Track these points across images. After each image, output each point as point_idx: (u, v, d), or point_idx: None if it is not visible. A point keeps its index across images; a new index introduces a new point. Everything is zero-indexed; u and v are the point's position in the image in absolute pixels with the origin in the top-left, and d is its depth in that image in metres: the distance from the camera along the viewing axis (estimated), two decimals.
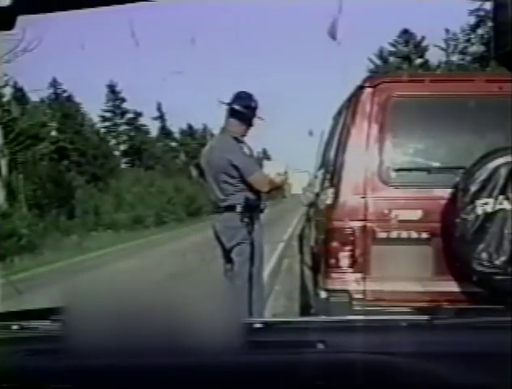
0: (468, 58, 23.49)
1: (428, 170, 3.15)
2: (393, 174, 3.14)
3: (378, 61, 29.49)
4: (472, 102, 3.19)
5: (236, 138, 4.02)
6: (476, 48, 22.69)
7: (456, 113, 3.24)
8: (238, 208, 3.98)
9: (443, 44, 24.67)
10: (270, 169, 4.32)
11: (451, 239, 2.97)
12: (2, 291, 5.66)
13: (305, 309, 4.06)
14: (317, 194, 3.90)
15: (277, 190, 4.31)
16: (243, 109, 4.10)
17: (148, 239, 17.17)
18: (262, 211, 4.14)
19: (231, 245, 4.05)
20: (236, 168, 3.96)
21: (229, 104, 4.14)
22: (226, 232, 4.06)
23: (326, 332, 1.20)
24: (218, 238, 4.14)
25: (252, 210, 4.00)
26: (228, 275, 4.12)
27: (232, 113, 4.12)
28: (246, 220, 3.96)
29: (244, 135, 4.15)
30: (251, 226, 3.98)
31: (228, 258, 4.12)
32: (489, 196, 2.91)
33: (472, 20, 22.19)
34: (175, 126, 47.14)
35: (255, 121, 4.21)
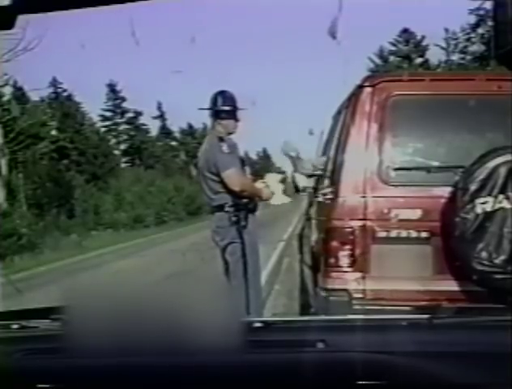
0: (468, 58, 23.45)
1: (428, 169, 3.15)
2: (392, 173, 3.14)
3: (378, 61, 29.43)
4: (472, 101, 3.19)
5: (220, 138, 4.07)
6: (477, 47, 22.64)
7: (456, 112, 3.24)
8: (226, 208, 4.00)
9: (443, 44, 24.62)
10: (272, 180, 4.38)
11: (451, 238, 2.97)
12: (2, 290, 5.65)
13: (305, 309, 4.06)
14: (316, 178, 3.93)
15: (255, 195, 4.16)
16: (221, 109, 4.17)
17: (148, 238, 17.18)
18: (253, 210, 4.13)
19: (223, 244, 4.08)
20: (215, 166, 4.01)
21: (207, 108, 4.24)
22: (218, 232, 4.11)
23: (326, 331, 1.20)
24: (213, 238, 4.18)
25: (241, 209, 4.01)
26: (227, 274, 4.14)
27: (213, 115, 4.23)
28: (235, 219, 3.97)
29: (231, 133, 4.21)
30: (242, 225, 3.98)
31: (224, 258, 4.14)
32: (489, 195, 2.91)
33: (472, 19, 22.14)
34: (175, 125, 46.98)
35: (240, 114, 4.25)
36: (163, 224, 23.25)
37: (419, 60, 29.02)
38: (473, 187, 2.92)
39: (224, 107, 4.17)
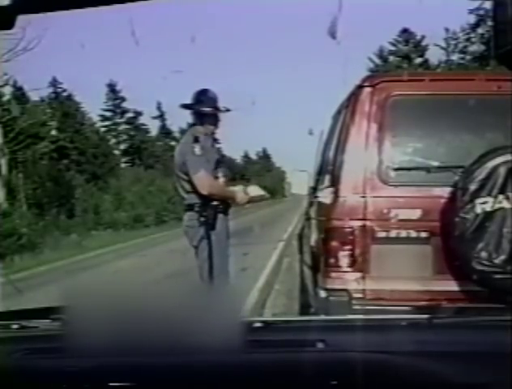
0: (468, 57, 23.44)
1: (428, 169, 3.15)
2: (392, 173, 3.14)
3: (378, 61, 29.44)
4: (472, 101, 3.19)
5: (195, 138, 3.98)
6: (476, 47, 22.64)
7: (456, 112, 3.24)
8: (196, 207, 3.97)
9: (443, 44, 24.61)
10: (254, 191, 4.43)
11: (451, 238, 2.97)
12: (2, 290, 5.65)
13: (305, 309, 4.06)
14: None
15: (226, 198, 4.11)
16: (200, 110, 4.10)
17: (148, 238, 17.17)
18: (224, 211, 4.07)
19: (192, 244, 4.06)
20: (186, 166, 3.97)
21: (188, 106, 4.16)
22: (188, 232, 4.07)
23: (326, 331, 1.20)
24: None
25: (211, 210, 3.96)
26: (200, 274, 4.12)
27: (193, 113, 4.16)
28: (203, 219, 3.94)
29: (210, 133, 4.14)
30: (210, 226, 3.94)
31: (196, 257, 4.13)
32: (488, 195, 2.91)
33: (472, 19, 22.14)
34: (175, 125, 46.89)
35: (221, 115, 4.17)
36: (163, 223, 23.21)
37: (418, 60, 29.03)
38: (473, 187, 2.92)
39: (205, 108, 4.08)
